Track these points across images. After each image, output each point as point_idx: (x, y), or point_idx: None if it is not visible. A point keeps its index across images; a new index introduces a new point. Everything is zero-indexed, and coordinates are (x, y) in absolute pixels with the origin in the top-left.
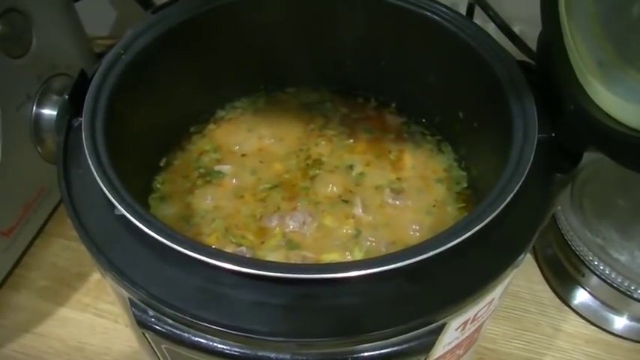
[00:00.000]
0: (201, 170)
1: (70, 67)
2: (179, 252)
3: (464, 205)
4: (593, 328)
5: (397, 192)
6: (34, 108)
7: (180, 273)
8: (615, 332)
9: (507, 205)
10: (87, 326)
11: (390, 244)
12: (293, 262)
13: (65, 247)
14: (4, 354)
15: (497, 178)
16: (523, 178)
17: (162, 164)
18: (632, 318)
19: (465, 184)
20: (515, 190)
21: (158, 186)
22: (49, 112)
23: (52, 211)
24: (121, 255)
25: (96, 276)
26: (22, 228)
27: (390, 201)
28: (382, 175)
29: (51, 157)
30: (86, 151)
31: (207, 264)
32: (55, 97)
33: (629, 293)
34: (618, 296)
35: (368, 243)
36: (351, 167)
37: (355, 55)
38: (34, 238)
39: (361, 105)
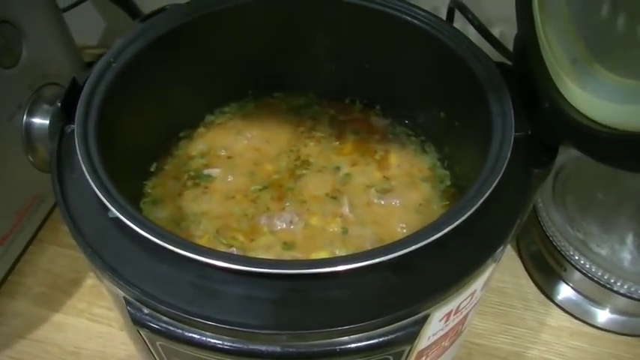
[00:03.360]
0: (191, 173)
1: (60, 76)
2: (171, 251)
3: (448, 202)
4: (577, 321)
5: (384, 191)
6: (25, 117)
7: (172, 271)
8: (598, 325)
9: (487, 199)
10: (82, 331)
11: (377, 242)
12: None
13: (59, 254)
14: None
15: (477, 175)
16: (501, 173)
17: (152, 169)
18: (614, 311)
19: (449, 182)
20: (494, 185)
21: (149, 190)
22: (40, 121)
23: (44, 219)
24: (115, 255)
25: (90, 281)
26: (16, 236)
27: (375, 200)
28: (368, 174)
29: (43, 166)
30: (79, 157)
31: (199, 262)
32: (46, 107)
33: (609, 286)
34: (600, 290)
35: (355, 241)
36: (338, 168)
37: (340, 60)
38: (28, 245)
39: (347, 107)
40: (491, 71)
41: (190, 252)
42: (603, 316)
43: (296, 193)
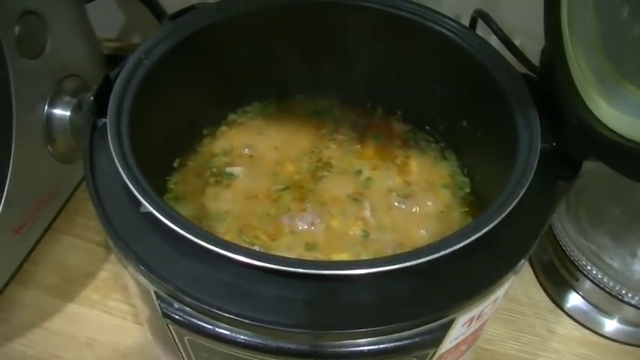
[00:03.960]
0: (214, 170)
1: (81, 68)
2: (205, 248)
3: (467, 209)
4: (586, 330)
5: (405, 196)
6: (47, 108)
7: (204, 268)
8: (607, 335)
9: (512, 210)
10: (95, 322)
11: (397, 247)
12: None
13: (74, 245)
14: (14, 349)
15: (503, 185)
16: (527, 186)
17: (175, 165)
18: (622, 321)
19: (468, 190)
20: (519, 197)
21: (172, 186)
22: (61, 112)
23: (60, 209)
24: (146, 249)
25: (104, 274)
26: (32, 225)
27: (396, 204)
28: (389, 178)
29: (61, 157)
30: (113, 151)
31: (232, 260)
32: (67, 98)
33: (620, 297)
34: (610, 300)
35: (375, 245)
36: (359, 172)
37: (363, 66)
38: (43, 234)
39: (368, 112)
40: (516, 82)
41: (225, 250)
42: (611, 325)
43: (317, 194)
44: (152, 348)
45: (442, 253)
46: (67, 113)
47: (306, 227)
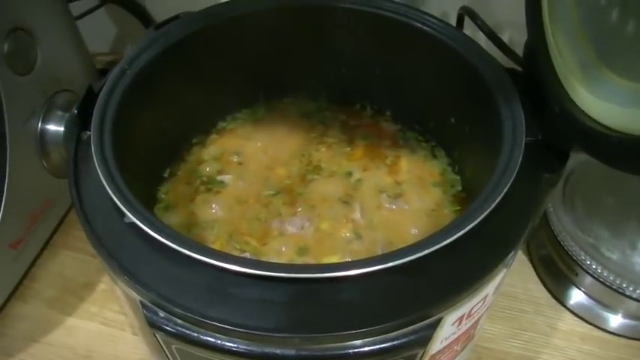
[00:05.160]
0: (204, 179)
1: (73, 83)
2: (187, 255)
3: (459, 207)
4: (588, 326)
5: (395, 196)
6: (40, 123)
7: (188, 275)
8: (610, 330)
9: (498, 204)
10: (94, 335)
11: (388, 247)
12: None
13: (71, 258)
14: None
15: (488, 180)
16: (512, 179)
17: (165, 175)
18: (625, 315)
19: (460, 187)
20: (504, 191)
21: (162, 196)
22: (54, 127)
23: (58, 224)
24: (131, 259)
25: (102, 286)
26: (29, 240)
27: (387, 205)
28: (379, 179)
29: (56, 171)
30: (96, 163)
31: (215, 266)
32: (59, 113)
33: (621, 291)
34: (611, 294)
35: (366, 246)
36: (349, 173)
37: (350, 66)
38: (41, 250)
39: (358, 113)
40: (501, 77)
41: (206, 256)
42: (615, 320)
43: (307, 197)
44: (150, 358)
45: (427, 251)
46: (61, 128)
47: (295, 231)
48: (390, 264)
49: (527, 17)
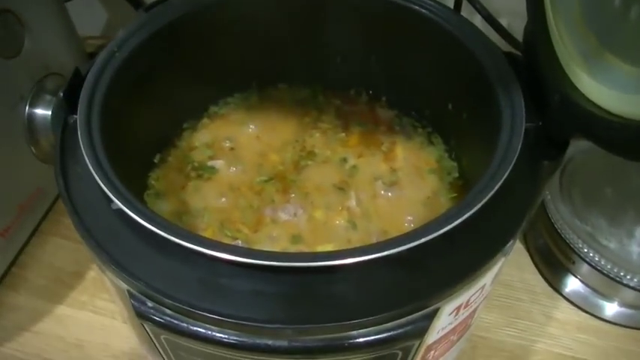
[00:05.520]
0: (195, 164)
1: (62, 67)
2: (176, 244)
3: (456, 195)
4: (585, 314)
5: (390, 184)
6: (28, 108)
7: (177, 264)
8: (606, 318)
9: (496, 192)
10: (85, 324)
11: (383, 235)
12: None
13: (61, 246)
14: (3, 353)
15: (487, 167)
16: (511, 166)
17: (156, 160)
18: (622, 304)
19: (457, 174)
20: (503, 178)
21: (153, 182)
22: (42, 112)
23: (47, 211)
24: (119, 248)
25: (92, 274)
26: (18, 228)
27: (382, 192)
28: (375, 166)
29: (45, 157)
30: (82, 148)
31: (205, 255)
32: (48, 97)
33: (618, 279)
34: (608, 283)
35: (360, 234)
36: (344, 160)
37: (345, 51)
38: (30, 237)
39: (353, 98)
40: (499, 62)
41: (196, 245)
42: (611, 309)
43: (300, 184)
44: (140, 347)
45: (423, 239)
46: (49, 112)
47: (288, 218)
48: (386, 253)
49: (528, 3)
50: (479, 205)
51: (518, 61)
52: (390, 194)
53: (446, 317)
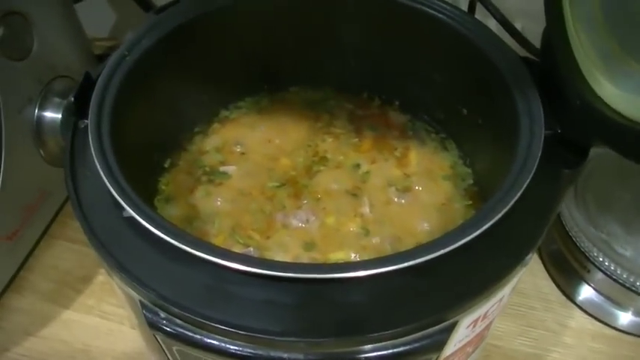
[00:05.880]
0: (206, 169)
1: (70, 69)
2: (188, 252)
3: (471, 202)
4: (599, 324)
5: (404, 190)
6: (36, 111)
7: (189, 273)
8: (621, 328)
9: (516, 202)
10: (91, 328)
11: (397, 242)
12: (301, 261)
13: (69, 250)
14: (10, 357)
15: (505, 175)
16: (531, 175)
17: (166, 165)
18: (637, 313)
19: (471, 181)
20: (523, 187)
21: (163, 187)
22: (51, 114)
23: (55, 214)
24: (130, 256)
25: (100, 278)
26: (26, 231)
27: (395, 199)
28: (388, 171)
29: (53, 160)
30: (93, 154)
31: (217, 264)
32: (57, 100)
33: (634, 289)
34: (623, 292)
35: (374, 242)
36: (357, 166)
37: (357, 54)
38: (38, 241)
39: (365, 102)
40: (516, 66)
41: (208, 254)
42: (625, 318)
43: (312, 190)
44: (148, 354)
45: (442, 251)
46: (58, 115)
47: (300, 225)
48: (404, 264)
49: (546, 4)
50: (499, 215)
51: (535, 67)
52: (403, 200)
53: (463, 330)
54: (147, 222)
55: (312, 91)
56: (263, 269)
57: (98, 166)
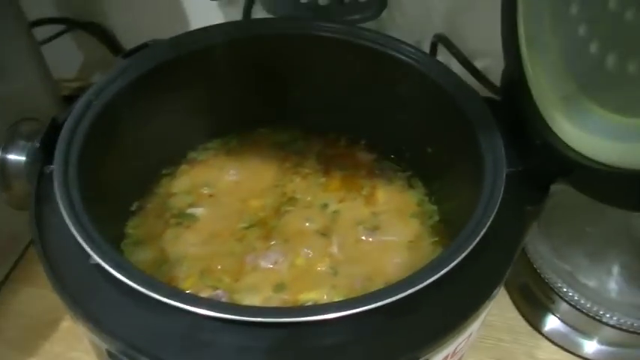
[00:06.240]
0: (174, 212)
1: (37, 111)
2: (159, 300)
3: (437, 238)
4: (566, 353)
5: (372, 228)
6: (0, 154)
7: (160, 321)
8: (587, 356)
9: (481, 239)
10: None
11: (367, 281)
12: (271, 303)
13: (33, 295)
14: None
15: (470, 213)
16: (494, 213)
17: (133, 208)
18: (601, 342)
19: (437, 218)
20: (487, 225)
21: (130, 231)
22: (16, 157)
23: (18, 258)
24: (97, 305)
25: (66, 323)
26: None
27: (364, 237)
28: (356, 210)
29: (18, 204)
30: (59, 200)
31: (189, 311)
32: (22, 143)
33: (597, 318)
34: (588, 321)
35: (344, 281)
36: (325, 205)
37: (325, 96)
38: (1, 285)
39: (332, 142)
40: (479, 106)
41: (179, 301)
42: (591, 347)
43: (281, 230)
44: None
45: (410, 290)
46: (23, 158)
47: (270, 266)
48: (371, 306)
49: (504, 45)
50: (465, 253)
51: (497, 105)
52: (371, 239)
53: None
54: (114, 269)
55: (280, 131)
56: (235, 315)
57: (64, 213)
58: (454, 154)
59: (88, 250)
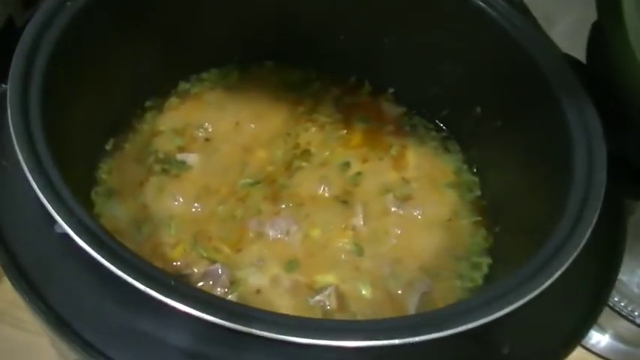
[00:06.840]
0: (160, 155)
1: None
2: (148, 295)
3: (480, 218)
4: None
5: (403, 198)
6: None
7: (151, 326)
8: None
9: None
10: None
11: (396, 264)
12: (281, 283)
13: None
14: None
15: (553, 205)
16: (598, 211)
17: (109, 147)
18: (614, 337)
19: (479, 192)
20: (588, 233)
21: (103, 176)
22: None
23: None
24: (65, 296)
25: None
26: None
27: (393, 209)
28: (383, 174)
29: None
30: (13, 134)
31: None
32: None
33: (617, 309)
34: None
35: (369, 263)
36: (346, 164)
37: (351, 29)
38: None
39: (353, 87)
40: (562, 68)
41: (175, 300)
42: (603, 341)
43: (292, 192)
44: None
45: (493, 316)
46: None
47: (280, 236)
48: (430, 336)
49: None
50: (563, 267)
51: (582, 71)
52: (402, 211)
53: None
54: (88, 244)
55: (291, 68)
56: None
57: (19, 154)
58: (516, 119)
59: (52, 212)
